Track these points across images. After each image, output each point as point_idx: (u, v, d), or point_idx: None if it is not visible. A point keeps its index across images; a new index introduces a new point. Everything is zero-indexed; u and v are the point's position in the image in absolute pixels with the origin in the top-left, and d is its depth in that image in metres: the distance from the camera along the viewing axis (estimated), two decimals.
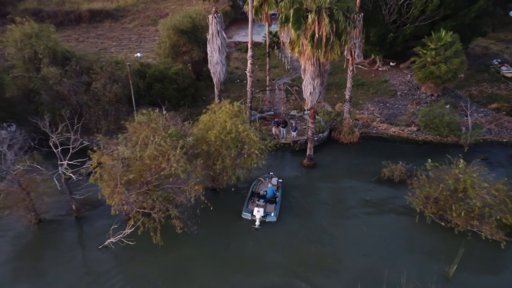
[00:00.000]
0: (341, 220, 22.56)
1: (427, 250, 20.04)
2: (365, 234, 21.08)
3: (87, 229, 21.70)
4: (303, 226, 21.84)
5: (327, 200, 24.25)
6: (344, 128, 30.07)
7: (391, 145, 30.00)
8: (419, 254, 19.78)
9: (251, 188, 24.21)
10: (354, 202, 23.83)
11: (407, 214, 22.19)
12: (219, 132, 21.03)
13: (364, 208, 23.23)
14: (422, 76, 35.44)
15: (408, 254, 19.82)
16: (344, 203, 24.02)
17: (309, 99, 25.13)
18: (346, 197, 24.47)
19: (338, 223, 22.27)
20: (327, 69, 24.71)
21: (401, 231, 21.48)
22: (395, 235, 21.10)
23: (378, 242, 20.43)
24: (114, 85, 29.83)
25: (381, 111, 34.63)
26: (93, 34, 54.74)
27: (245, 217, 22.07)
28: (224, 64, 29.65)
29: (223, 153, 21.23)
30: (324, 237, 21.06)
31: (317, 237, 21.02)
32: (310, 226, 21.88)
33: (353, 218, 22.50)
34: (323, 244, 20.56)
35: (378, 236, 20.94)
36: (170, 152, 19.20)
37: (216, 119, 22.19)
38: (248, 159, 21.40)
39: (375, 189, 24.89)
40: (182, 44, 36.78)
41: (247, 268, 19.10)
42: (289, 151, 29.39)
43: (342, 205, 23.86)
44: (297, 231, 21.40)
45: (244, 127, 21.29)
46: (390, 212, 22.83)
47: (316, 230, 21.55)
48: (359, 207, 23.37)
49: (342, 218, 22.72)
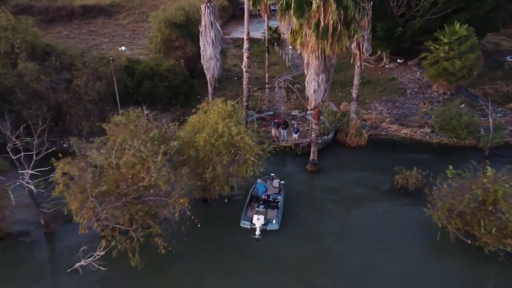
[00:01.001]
0: (351, 236, 19.36)
1: (451, 274, 16.90)
2: (378, 253, 17.90)
3: (57, 246, 18.58)
4: (308, 238, 18.91)
5: (334, 210, 21.05)
6: (350, 130, 26.86)
7: (403, 149, 26.79)
8: (441, 279, 16.61)
9: (250, 192, 21.26)
10: (364, 214, 20.64)
11: (426, 229, 18.97)
12: (209, 135, 17.85)
13: (376, 221, 20.02)
14: (434, 73, 32.24)
15: (429, 279, 16.64)
16: (353, 215, 20.83)
17: (312, 97, 21.93)
18: (355, 208, 21.25)
19: (347, 240, 19.09)
20: (333, 63, 21.52)
21: (420, 250, 18.28)
22: (413, 255, 17.93)
23: (393, 263, 17.28)
24: (97, 83, 26.69)
25: (390, 111, 31.42)
26: (85, 31, 51.59)
27: (244, 225, 19.14)
28: (219, 59, 26.49)
29: (214, 160, 18.06)
30: (332, 257, 17.87)
31: (323, 254, 17.91)
32: (315, 239, 18.90)
33: (364, 233, 19.25)
34: (331, 266, 17.35)
35: (393, 256, 17.78)
36: (150, 159, 16.03)
37: (206, 120, 19.02)
38: (243, 166, 18.22)
39: (388, 199, 21.68)
40: (174, 39, 33.61)
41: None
42: (290, 155, 26.21)
43: (351, 217, 20.68)
44: (302, 245, 18.51)
45: (238, 130, 18.11)
46: (407, 226, 19.59)
47: (323, 246, 18.44)
48: (371, 219, 20.17)
49: (352, 233, 19.52)
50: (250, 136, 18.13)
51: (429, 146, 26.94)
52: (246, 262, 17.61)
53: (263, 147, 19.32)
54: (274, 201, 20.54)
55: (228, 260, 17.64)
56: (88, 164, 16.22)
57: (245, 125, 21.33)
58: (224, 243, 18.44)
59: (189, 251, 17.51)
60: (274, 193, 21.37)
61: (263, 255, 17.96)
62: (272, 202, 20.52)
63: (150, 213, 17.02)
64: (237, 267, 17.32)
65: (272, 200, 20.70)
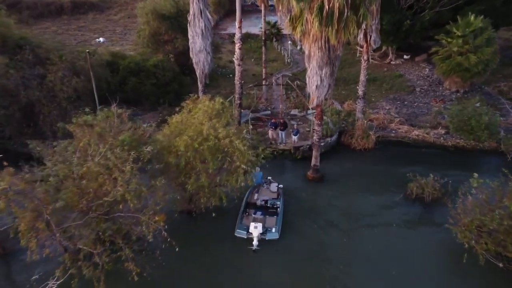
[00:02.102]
0: (361, 255, 16.21)
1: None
2: (393, 279, 14.82)
3: (12, 270, 15.46)
4: (311, 250, 16.17)
5: (341, 224, 17.91)
6: (357, 131, 23.74)
7: (415, 152, 23.64)
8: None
9: (245, 197, 18.48)
10: (375, 229, 17.52)
11: (449, 249, 15.93)
12: (192, 138, 14.75)
13: (390, 238, 16.96)
14: (446, 69, 29.16)
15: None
16: (363, 230, 17.65)
17: (315, 94, 18.83)
18: (365, 222, 18.08)
19: (356, 259, 15.95)
20: (339, 55, 18.40)
21: (442, 275, 15.18)
22: (434, 281, 14.86)
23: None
24: (74, 78, 23.61)
25: (399, 110, 28.30)
26: (74, 26, 48.49)
27: (239, 235, 16.50)
28: (210, 52, 23.37)
29: (198, 168, 14.96)
30: (340, 280, 14.80)
31: (330, 275, 14.84)
32: (319, 252, 16.23)
33: (376, 253, 16.15)
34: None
35: (411, 282, 14.73)
36: (117, 169, 12.93)
37: (190, 120, 15.92)
38: (233, 175, 15.11)
39: (402, 211, 18.59)
40: (163, 32, 30.51)
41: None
42: (289, 160, 23.10)
43: (359, 233, 17.48)
44: (305, 258, 15.76)
45: (227, 132, 15.02)
46: (426, 246, 16.47)
47: (329, 265, 15.40)
48: (383, 236, 17.08)
49: (362, 253, 16.36)
50: (241, 140, 15.02)
51: (444, 149, 23.81)
52: (242, 278, 14.80)
53: (257, 152, 16.26)
54: (273, 207, 18.10)
55: (220, 280, 14.60)
56: (40, 175, 13.09)
57: (238, 126, 18.18)
58: (213, 262, 15.48)
59: (170, 276, 14.48)
60: (272, 198, 18.70)
61: (262, 269, 15.21)
62: (271, 208, 18.07)
63: (120, 232, 13.97)
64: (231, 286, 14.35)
65: (270, 206, 18.19)
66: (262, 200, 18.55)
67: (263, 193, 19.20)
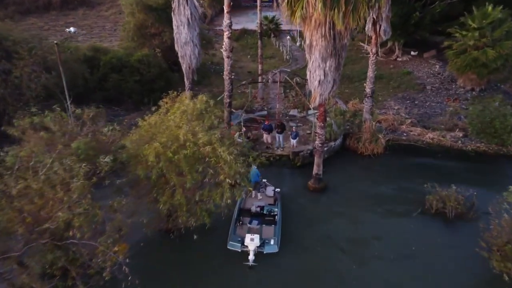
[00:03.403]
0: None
1: None
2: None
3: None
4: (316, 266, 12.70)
5: (348, 246, 14.74)
6: (364, 134, 20.61)
7: (431, 158, 20.50)
8: None
9: (238, 203, 15.65)
10: (391, 253, 14.35)
11: (483, 281, 12.80)
12: (165, 145, 11.63)
13: (409, 264, 13.83)
14: (461, 65, 26.01)
15: None
16: (375, 253, 14.50)
17: (317, 91, 15.72)
18: (378, 243, 14.93)
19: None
20: (346, 44, 15.27)
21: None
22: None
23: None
24: (43, 74, 20.52)
25: (409, 110, 25.17)
26: (62, 22, 45.28)
27: (232, 248, 13.97)
28: (197, 45, 20.30)
29: (172, 182, 11.83)
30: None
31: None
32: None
33: (395, 286, 13.08)
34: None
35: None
36: (64, 186, 9.83)
37: (165, 123, 12.80)
38: (217, 191, 11.99)
39: (421, 230, 15.45)
40: (150, 25, 27.38)
41: None
42: (287, 167, 19.97)
43: (372, 258, 14.34)
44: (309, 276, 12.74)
45: (209, 137, 11.88)
46: (453, 276, 13.32)
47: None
48: (400, 260, 13.98)
49: (377, 284, 13.26)
50: (227, 147, 11.87)
51: (463, 155, 20.66)
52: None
53: (248, 160, 13.16)
54: (270, 215, 15.59)
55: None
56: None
57: (226, 130, 15.08)
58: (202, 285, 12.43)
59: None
60: (268, 204, 16.16)
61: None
62: (267, 215, 15.57)
63: (74, 263, 10.90)
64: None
65: (267, 213, 15.67)
66: (258, 206, 15.80)
67: (258, 198, 16.54)
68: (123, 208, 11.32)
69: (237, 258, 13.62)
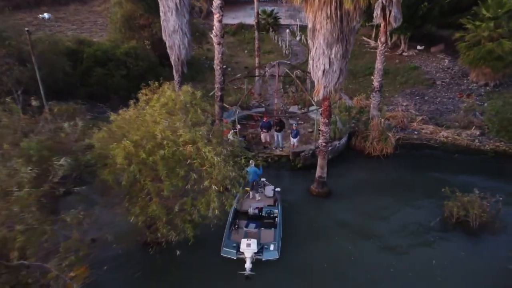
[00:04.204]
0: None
1: None
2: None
3: None
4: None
5: (358, 259, 12.63)
6: (372, 132, 18.45)
7: (446, 158, 18.37)
8: None
9: (234, 206, 13.48)
10: (409, 270, 12.20)
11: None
12: (137, 144, 9.46)
13: (430, 286, 11.67)
14: (474, 58, 23.83)
15: None
16: (391, 271, 12.35)
17: (321, 82, 13.55)
18: (392, 256, 12.76)
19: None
20: (355, 27, 13.10)
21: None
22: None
23: None
24: (16, 67, 18.39)
25: (419, 106, 23.01)
26: (52, 17, 43.19)
27: (226, 255, 12.23)
28: (187, 34, 18.13)
29: (147, 188, 9.66)
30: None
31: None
32: None
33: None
34: None
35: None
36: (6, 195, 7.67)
37: (143, 117, 10.63)
38: (201, 199, 9.82)
39: (441, 241, 13.31)
40: (138, 16, 25.22)
41: None
42: (287, 169, 17.82)
43: (387, 275, 12.18)
44: None
45: (192, 135, 9.70)
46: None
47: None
48: (420, 280, 11.81)
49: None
50: (214, 146, 9.70)
51: (481, 155, 18.51)
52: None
53: (241, 162, 11.01)
54: (269, 217, 14.01)
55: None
56: None
57: (215, 127, 12.90)
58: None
59: None
60: (267, 205, 14.57)
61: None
62: (267, 218, 14.02)
63: None
64: None
65: (266, 215, 14.11)
66: (255, 207, 14.14)
67: (256, 199, 14.75)
68: (89, 221, 9.19)
69: (232, 266, 11.78)
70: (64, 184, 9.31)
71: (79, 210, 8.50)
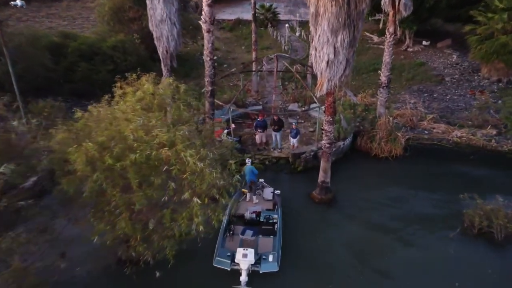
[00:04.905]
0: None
1: None
2: None
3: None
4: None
5: (368, 277, 10.89)
6: (379, 132, 16.68)
7: (461, 161, 16.56)
8: None
9: (229, 209, 12.51)
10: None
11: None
12: (105, 147, 7.68)
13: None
14: (486, 52, 22.05)
15: None
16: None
17: (325, 75, 11.78)
18: (406, 274, 11.00)
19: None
20: (364, 11, 11.33)
21: None
22: None
23: None
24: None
25: (428, 104, 21.25)
26: (43, 14, 41.41)
27: (219, 266, 10.65)
28: (176, 24, 16.36)
29: (116, 200, 7.88)
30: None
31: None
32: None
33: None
34: None
35: None
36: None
37: (113, 115, 8.84)
38: (182, 214, 8.03)
39: (463, 257, 11.51)
40: (127, 8, 23.44)
41: None
42: (286, 172, 16.02)
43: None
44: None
45: (172, 134, 7.91)
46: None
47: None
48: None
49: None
50: (197, 150, 7.91)
51: (499, 157, 16.72)
52: None
53: (231, 167, 9.23)
54: (268, 222, 12.35)
55: None
56: None
57: (201, 125, 11.14)
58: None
59: None
60: (266, 209, 12.95)
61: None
62: (265, 223, 12.36)
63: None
64: None
65: (264, 220, 12.45)
66: (253, 212, 12.58)
67: (253, 202, 13.17)
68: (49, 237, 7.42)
69: (226, 278, 10.20)
70: (16, 195, 7.55)
71: (21, 232, 6.75)
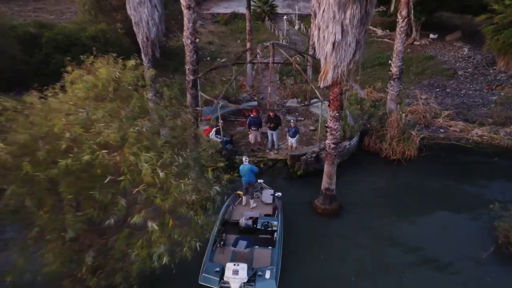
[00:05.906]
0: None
1: None
2: None
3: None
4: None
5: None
6: (390, 130, 14.44)
7: (483, 163, 14.32)
8: None
9: (221, 213, 10.60)
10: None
11: None
12: (30, 149, 5.44)
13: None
14: (504, 43, 19.90)
15: None
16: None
17: (330, 61, 9.52)
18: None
19: None
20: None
21: None
22: None
23: None
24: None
25: (441, 100, 19.05)
26: (30, 8, 39.33)
27: (206, 284, 8.62)
28: (157, 7, 14.06)
29: (39, 225, 5.63)
30: None
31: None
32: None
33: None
34: None
35: None
36: None
37: (54, 106, 6.59)
38: (138, 243, 5.77)
39: (500, 284, 9.30)
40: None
41: None
42: (284, 177, 13.77)
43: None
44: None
45: (123, 132, 5.67)
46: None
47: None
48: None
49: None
50: (158, 152, 5.66)
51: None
52: None
53: (209, 175, 6.99)
54: (266, 230, 10.29)
55: None
56: None
57: (187, 120, 8.89)
58: None
59: None
60: (265, 214, 10.90)
61: None
62: (263, 232, 10.30)
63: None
64: None
65: (262, 228, 10.40)
66: (249, 218, 10.50)
67: (250, 206, 11.20)
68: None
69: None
70: None
71: None
